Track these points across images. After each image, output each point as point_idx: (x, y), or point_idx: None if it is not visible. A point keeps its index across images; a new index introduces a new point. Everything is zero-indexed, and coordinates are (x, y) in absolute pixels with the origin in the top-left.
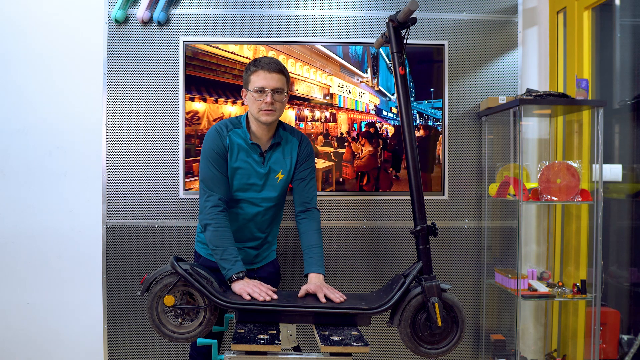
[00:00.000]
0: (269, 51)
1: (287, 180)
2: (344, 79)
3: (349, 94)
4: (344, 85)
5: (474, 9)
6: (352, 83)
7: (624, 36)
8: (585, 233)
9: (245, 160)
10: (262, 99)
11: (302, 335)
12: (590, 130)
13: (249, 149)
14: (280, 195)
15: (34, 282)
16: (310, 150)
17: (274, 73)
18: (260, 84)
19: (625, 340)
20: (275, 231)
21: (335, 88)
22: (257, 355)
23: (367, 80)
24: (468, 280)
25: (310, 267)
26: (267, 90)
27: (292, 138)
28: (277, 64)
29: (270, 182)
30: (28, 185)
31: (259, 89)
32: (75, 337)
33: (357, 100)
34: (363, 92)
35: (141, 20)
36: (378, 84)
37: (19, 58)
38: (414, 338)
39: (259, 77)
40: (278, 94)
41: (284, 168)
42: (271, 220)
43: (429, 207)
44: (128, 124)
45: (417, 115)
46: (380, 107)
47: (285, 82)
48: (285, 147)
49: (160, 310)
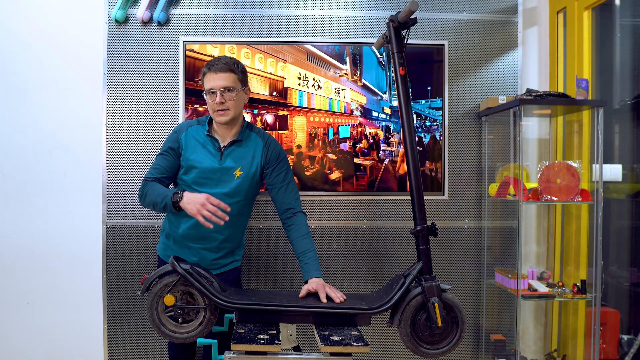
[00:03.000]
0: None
1: (246, 179)
2: (311, 70)
3: (317, 89)
4: (309, 77)
5: (474, 9)
6: (328, 77)
7: (624, 36)
8: (585, 233)
9: (200, 152)
10: (212, 100)
11: (302, 335)
12: (590, 130)
13: (205, 142)
14: (238, 192)
15: (34, 282)
16: (279, 152)
17: (220, 72)
18: (209, 86)
19: (625, 340)
20: (236, 235)
21: (292, 81)
22: (257, 355)
23: (346, 72)
24: (468, 280)
25: (309, 273)
26: (216, 90)
27: (257, 138)
28: (225, 63)
29: (226, 178)
30: (28, 185)
31: (209, 90)
32: (75, 337)
33: (333, 98)
34: (342, 88)
35: (141, 20)
36: (361, 78)
37: (19, 58)
38: (414, 338)
39: (208, 79)
40: (228, 93)
41: (243, 165)
42: (230, 221)
43: (429, 207)
44: (128, 124)
45: (414, 117)
46: (369, 107)
47: (236, 79)
48: (247, 144)
49: (161, 310)
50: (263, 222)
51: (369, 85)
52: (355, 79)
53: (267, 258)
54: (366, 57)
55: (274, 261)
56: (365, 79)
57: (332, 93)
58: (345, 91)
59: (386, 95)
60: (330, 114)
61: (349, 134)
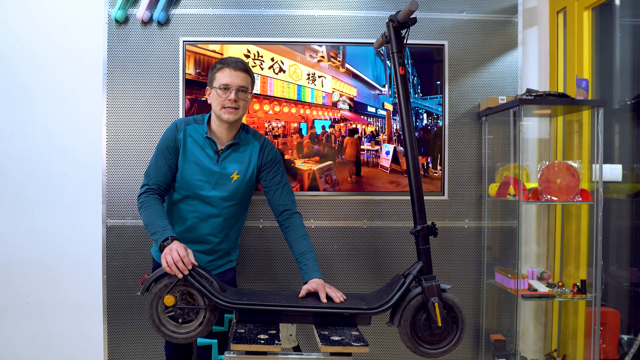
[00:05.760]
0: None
1: (242, 182)
2: (279, 53)
3: (278, 73)
4: (264, 57)
5: (474, 9)
6: (303, 62)
7: (624, 36)
8: (585, 233)
9: (198, 154)
10: (225, 96)
11: (302, 335)
12: (590, 130)
13: (203, 144)
14: (234, 196)
15: (34, 282)
16: (275, 154)
17: (240, 71)
18: (225, 81)
19: (625, 340)
20: (231, 238)
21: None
22: (257, 355)
23: (322, 55)
24: (468, 280)
25: (309, 274)
26: (232, 87)
27: (254, 141)
28: (243, 63)
29: (223, 182)
30: (28, 185)
31: (224, 85)
32: (75, 337)
33: (305, 86)
34: (319, 75)
35: (141, 20)
36: (344, 64)
37: (19, 58)
38: (414, 338)
39: (224, 74)
40: (242, 93)
41: (240, 169)
42: (225, 224)
43: (429, 207)
44: (128, 124)
45: (425, 115)
46: (362, 101)
47: (250, 82)
48: (244, 148)
49: (161, 310)
50: (262, 222)
51: (362, 75)
52: (336, 65)
53: (267, 258)
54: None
55: (274, 261)
56: (358, 70)
57: (304, 79)
58: (324, 79)
59: (385, 89)
60: (300, 104)
61: (328, 129)
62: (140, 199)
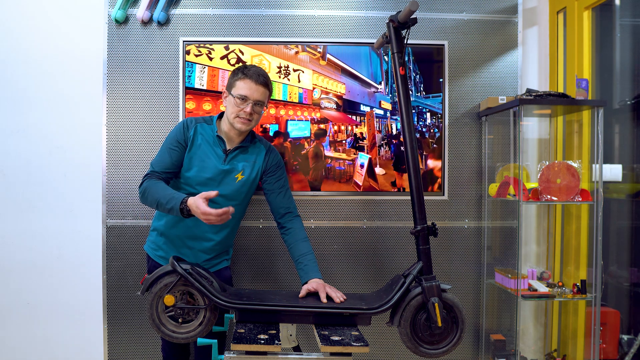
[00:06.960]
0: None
1: (246, 183)
2: (251, 46)
3: (235, 64)
4: (214, 47)
5: (474, 9)
6: (281, 56)
7: (624, 36)
8: (585, 233)
9: (207, 152)
10: (242, 107)
11: (302, 335)
12: (590, 130)
13: (213, 142)
14: (237, 196)
15: (34, 282)
16: (279, 160)
17: (260, 86)
18: (244, 92)
19: (625, 340)
20: (227, 238)
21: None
22: (257, 355)
23: (301, 45)
24: (468, 280)
25: (309, 274)
26: (249, 100)
27: (260, 145)
28: (265, 77)
29: (228, 180)
30: (28, 185)
31: (242, 96)
32: (75, 337)
33: (275, 81)
34: (295, 69)
35: (141, 20)
36: (325, 55)
37: (19, 58)
38: (414, 338)
39: (245, 85)
40: (258, 106)
41: (245, 169)
42: (225, 223)
43: (429, 207)
44: (128, 124)
45: (429, 115)
46: (353, 100)
47: (268, 95)
48: (252, 150)
49: (161, 310)
50: (262, 222)
51: (353, 71)
52: (316, 57)
53: (267, 258)
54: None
55: (274, 261)
56: (349, 65)
57: (272, 73)
58: (300, 73)
59: (382, 86)
60: (273, 103)
61: (308, 132)
62: (143, 186)
